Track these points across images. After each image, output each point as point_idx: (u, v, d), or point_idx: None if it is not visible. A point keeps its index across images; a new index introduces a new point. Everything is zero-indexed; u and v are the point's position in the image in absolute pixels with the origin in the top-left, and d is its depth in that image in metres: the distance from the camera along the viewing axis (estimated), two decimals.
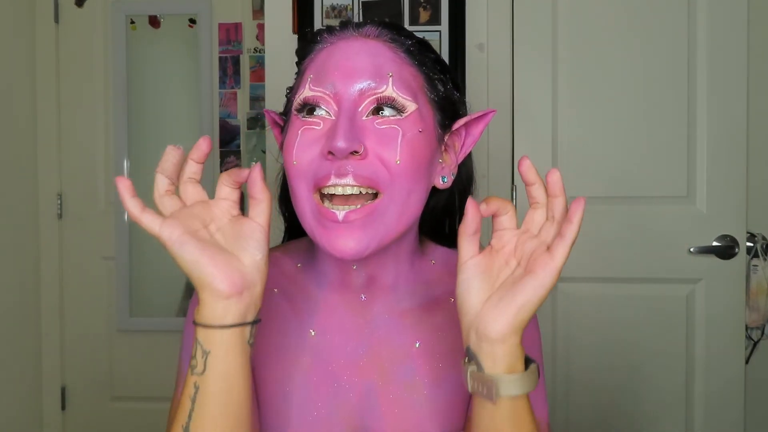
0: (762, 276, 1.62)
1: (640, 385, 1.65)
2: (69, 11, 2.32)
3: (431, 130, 0.64)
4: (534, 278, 0.53)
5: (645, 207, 1.64)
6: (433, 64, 0.66)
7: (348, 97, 0.60)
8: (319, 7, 1.71)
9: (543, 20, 1.66)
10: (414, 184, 0.61)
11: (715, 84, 1.60)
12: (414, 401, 0.66)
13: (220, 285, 0.53)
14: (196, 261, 0.53)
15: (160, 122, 2.34)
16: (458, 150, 0.69)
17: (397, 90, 0.61)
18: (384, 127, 0.60)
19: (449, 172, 0.68)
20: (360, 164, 0.59)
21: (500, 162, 1.69)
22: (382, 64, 0.62)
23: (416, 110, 0.62)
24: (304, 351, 0.67)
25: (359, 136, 0.59)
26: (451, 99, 0.68)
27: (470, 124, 0.69)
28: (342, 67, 0.61)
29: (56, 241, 2.33)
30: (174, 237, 0.53)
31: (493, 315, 0.53)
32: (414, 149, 0.61)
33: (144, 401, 2.30)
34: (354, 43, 0.63)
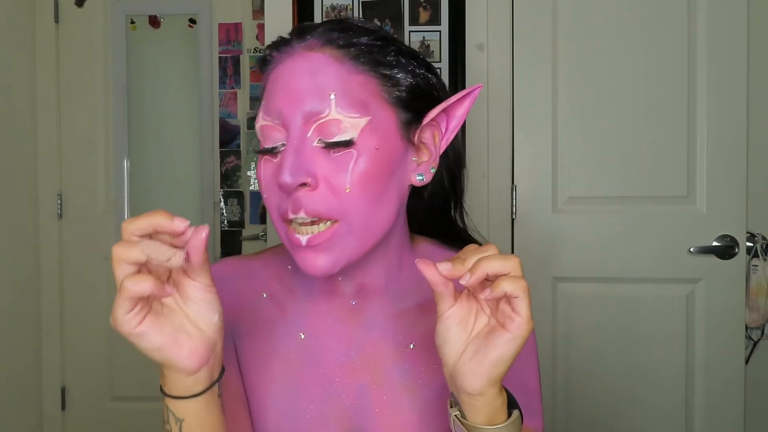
0: (762, 276, 1.62)
1: (640, 385, 1.65)
2: (69, 11, 2.32)
3: (393, 136, 0.61)
4: (505, 333, 0.51)
5: (645, 207, 1.64)
6: (393, 57, 0.62)
7: (294, 126, 0.58)
8: (319, 7, 1.71)
9: (543, 20, 1.66)
10: (370, 206, 0.59)
11: (715, 84, 1.60)
12: (408, 402, 0.66)
13: (188, 364, 0.52)
14: (159, 348, 0.50)
15: (160, 122, 2.34)
16: (440, 139, 0.66)
17: (341, 111, 0.58)
18: (338, 153, 0.58)
19: (427, 168, 0.65)
20: (310, 196, 0.58)
21: (500, 162, 1.69)
22: (323, 84, 0.58)
23: (369, 124, 0.59)
24: (294, 353, 0.67)
25: (306, 166, 0.58)
26: (421, 89, 0.64)
27: (452, 106, 0.65)
28: (285, 91, 0.59)
29: (56, 241, 2.33)
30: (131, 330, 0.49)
31: (469, 369, 0.52)
32: (367, 172, 0.58)
33: (144, 401, 2.29)
34: (297, 61, 0.60)
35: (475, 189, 1.69)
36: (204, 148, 2.29)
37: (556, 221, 1.66)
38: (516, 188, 1.68)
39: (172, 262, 0.48)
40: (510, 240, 1.68)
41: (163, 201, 2.34)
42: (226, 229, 2.30)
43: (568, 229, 1.66)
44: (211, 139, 2.29)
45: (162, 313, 0.51)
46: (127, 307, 0.48)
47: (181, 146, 2.34)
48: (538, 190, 1.67)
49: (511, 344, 0.51)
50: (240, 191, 2.30)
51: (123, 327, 0.48)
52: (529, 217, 1.67)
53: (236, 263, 0.73)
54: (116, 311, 0.48)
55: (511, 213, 1.69)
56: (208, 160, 2.29)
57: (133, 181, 2.33)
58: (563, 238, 1.66)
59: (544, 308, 1.67)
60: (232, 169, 2.30)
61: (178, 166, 2.35)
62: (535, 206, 1.67)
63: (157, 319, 0.50)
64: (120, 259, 0.47)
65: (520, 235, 1.68)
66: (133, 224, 0.48)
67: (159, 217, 0.48)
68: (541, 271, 1.65)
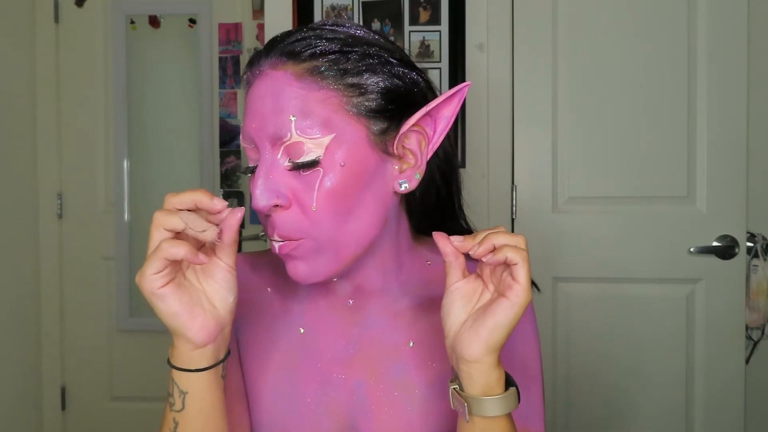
0: (762, 276, 1.62)
1: (640, 385, 1.65)
2: (69, 11, 2.32)
3: (362, 149, 0.59)
4: (504, 300, 0.54)
5: (645, 207, 1.64)
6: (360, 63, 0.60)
7: (264, 149, 0.59)
8: (319, 7, 1.71)
9: (543, 20, 1.66)
10: (339, 222, 0.59)
11: (715, 84, 1.60)
12: (405, 400, 0.66)
13: (197, 336, 0.55)
14: (175, 314, 0.54)
15: (160, 122, 2.35)
16: (427, 143, 0.63)
17: (302, 134, 0.57)
18: (307, 173, 0.58)
19: (412, 175, 0.63)
20: (282, 218, 0.59)
21: (500, 162, 1.69)
22: (283, 106, 0.58)
23: (333, 141, 0.58)
24: (293, 348, 0.68)
25: (278, 188, 0.58)
26: (395, 92, 0.61)
27: (438, 108, 0.63)
28: (253, 115, 0.60)
29: (56, 241, 2.33)
30: (154, 290, 0.52)
31: (468, 336, 0.55)
32: (334, 189, 0.58)
33: (144, 401, 2.30)
34: (261, 82, 0.60)
35: (475, 189, 1.69)
36: (204, 148, 2.29)
37: (556, 221, 1.66)
38: (516, 188, 1.68)
39: (206, 235, 0.52)
40: None
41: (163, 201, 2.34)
42: None
43: (568, 229, 1.66)
44: (211, 139, 2.29)
45: (183, 284, 0.55)
46: (158, 266, 0.51)
47: (181, 146, 2.34)
48: (538, 190, 1.67)
49: (509, 310, 0.53)
50: (240, 191, 2.30)
51: (147, 284, 0.52)
52: (529, 217, 1.67)
53: (244, 258, 0.74)
54: (147, 269, 0.52)
55: (511, 213, 1.69)
56: (208, 160, 2.29)
57: (133, 181, 2.33)
58: (563, 238, 1.66)
59: (544, 308, 1.67)
60: (232, 169, 2.30)
61: (178, 166, 2.35)
62: (535, 206, 1.67)
63: (179, 287, 0.54)
64: (160, 223, 0.52)
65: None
66: (176, 197, 0.53)
67: (200, 194, 0.53)
68: (541, 271, 1.65)
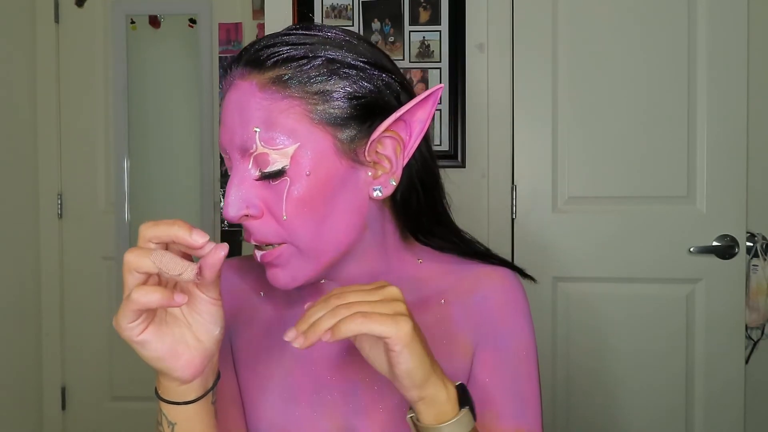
0: (762, 276, 1.62)
1: (640, 385, 1.65)
2: (69, 11, 2.32)
3: (327, 158, 0.58)
4: (390, 352, 0.53)
5: (645, 207, 1.64)
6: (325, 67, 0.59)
7: (235, 160, 0.60)
8: (319, 7, 1.71)
9: (543, 20, 1.66)
10: (313, 229, 0.60)
11: (715, 84, 1.60)
12: (398, 401, 0.66)
13: (183, 375, 0.53)
14: (158, 358, 0.51)
15: (160, 122, 2.34)
16: (402, 147, 0.62)
17: (266, 145, 0.57)
18: (275, 182, 0.58)
19: (386, 181, 0.62)
20: (256, 226, 0.60)
21: (500, 162, 1.69)
22: (248, 118, 0.58)
23: (298, 150, 0.57)
24: (288, 352, 0.68)
25: (248, 198, 0.59)
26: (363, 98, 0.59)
27: (411, 111, 0.61)
28: (224, 128, 0.61)
29: (56, 241, 2.33)
30: (133, 338, 0.50)
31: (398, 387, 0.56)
32: (302, 197, 0.58)
33: (144, 401, 2.29)
34: (231, 93, 0.60)
35: (475, 189, 1.69)
36: (204, 148, 2.29)
37: (556, 221, 1.66)
38: (516, 188, 1.68)
39: (182, 277, 0.47)
40: (510, 240, 1.68)
41: (163, 201, 2.34)
42: (226, 229, 2.30)
43: (568, 229, 1.66)
44: (211, 139, 2.29)
45: (165, 321, 0.52)
46: (132, 317, 0.48)
47: (181, 146, 2.34)
48: (538, 190, 1.67)
49: (403, 354, 0.52)
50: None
51: (125, 334, 0.49)
52: (529, 217, 1.67)
53: (236, 263, 0.74)
54: (120, 319, 0.48)
55: (511, 213, 1.69)
56: (208, 160, 2.29)
57: (133, 180, 2.33)
58: (563, 238, 1.66)
59: (544, 308, 1.67)
60: None
61: (178, 166, 2.35)
62: (535, 206, 1.67)
63: (160, 327, 0.51)
64: (131, 267, 0.47)
65: (520, 235, 1.68)
66: (150, 230, 0.48)
67: (178, 228, 0.47)
68: (541, 271, 1.65)
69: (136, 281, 0.48)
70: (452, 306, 0.69)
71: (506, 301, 0.69)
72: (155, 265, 0.46)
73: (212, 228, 2.29)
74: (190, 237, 0.47)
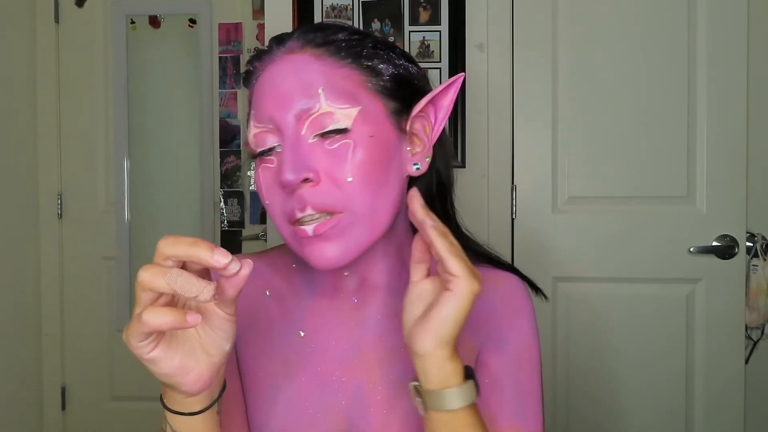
0: (762, 276, 1.62)
1: (640, 385, 1.65)
2: (69, 11, 2.32)
3: (384, 124, 0.62)
4: (447, 293, 0.53)
5: (645, 207, 1.64)
6: (372, 50, 0.63)
7: (287, 126, 0.59)
8: (319, 7, 1.71)
9: (543, 20, 1.66)
10: (373, 194, 0.60)
11: (715, 84, 1.60)
12: (404, 403, 0.66)
13: (191, 389, 0.51)
14: (168, 375, 0.49)
15: (160, 122, 2.34)
16: (430, 129, 0.66)
17: (331, 103, 0.59)
18: (335, 146, 0.59)
19: (422, 157, 0.65)
20: (314, 192, 0.59)
21: (500, 162, 1.69)
22: (310, 81, 0.59)
23: (360, 113, 0.60)
24: (293, 351, 0.68)
25: (307, 162, 0.58)
26: (404, 78, 0.65)
27: (438, 97, 0.66)
28: (272, 95, 0.60)
29: (56, 241, 2.33)
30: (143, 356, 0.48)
31: (418, 331, 0.55)
32: (366, 160, 0.59)
33: (144, 401, 2.30)
34: (280, 64, 0.61)
35: (475, 189, 1.69)
36: (204, 148, 2.29)
37: (556, 221, 1.66)
38: (516, 188, 1.68)
39: (199, 299, 0.44)
40: (510, 240, 1.68)
41: (163, 201, 2.34)
42: (226, 229, 2.30)
43: (568, 229, 1.66)
44: (211, 139, 2.29)
45: (176, 336, 0.50)
46: (142, 337, 0.46)
47: (181, 146, 2.34)
48: (538, 190, 1.67)
49: (453, 301, 0.53)
50: (240, 191, 2.30)
51: (135, 351, 0.47)
52: (529, 217, 1.67)
53: None
54: (130, 337, 0.46)
55: (511, 213, 1.69)
56: (208, 160, 2.29)
57: (133, 181, 2.33)
58: (563, 238, 1.66)
59: (544, 308, 1.67)
60: (232, 169, 2.30)
61: (178, 166, 2.35)
62: (535, 206, 1.67)
63: (170, 344, 0.49)
64: (145, 286, 0.45)
65: (520, 235, 1.68)
66: (168, 248, 0.45)
67: (199, 249, 0.44)
68: (541, 271, 1.65)
69: (148, 299, 0.46)
70: None
71: (513, 306, 0.70)
72: (170, 286, 0.44)
73: (212, 228, 2.29)
74: (212, 258, 0.44)
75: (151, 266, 0.45)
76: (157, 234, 2.41)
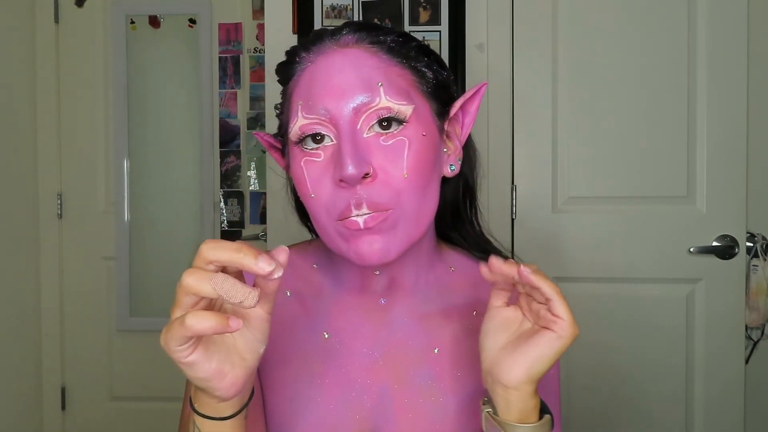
0: (762, 276, 1.62)
1: (640, 385, 1.65)
2: (69, 11, 2.32)
3: (431, 124, 0.63)
4: (550, 333, 0.54)
5: (645, 207, 1.64)
6: (417, 53, 0.64)
7: (344, 118, 0.58)
8: (319, 7, 1.71)
9: (543, 20, 1.66)
10: (422, 193, 0.60)
11: (715, 84, 1.60)
12: (429, 407, 0.65)
13: (225, 394, 0.50)
14: (204, 379, 0.48)
15: (160, 122, 2.34)
16: (459, 132, 0.68)
17: (390, 98, 0.59)
18: (390, 142, 0.59)
19: (456, 159, 0.67)
20: (371, 189, 0.58)
21: (500, 162, 1.69)
22: (368, 75, 0.59)
23: (414, 111, 0.60)
24: (317, 353, 0.67)
25: (365, 156, 0.58)
26: (442, 83, 0.66)
27: (466, 102, 0.68)
28: (329, 87, 0.59)
29: (56, 241, 2.33)
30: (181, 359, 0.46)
31: (509, 363, 0.55)
32: (420, 156, 0.60)
33: (144, 401, 2.30)
34: (334, 57, 0.61)
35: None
36: (204, 148, 2.29)
37: (556, 221, 1.66)
38: (516, 188, 1.68)
39: (244, 304, 0.43)
40: (510, 240, 1.68)
41: (163, 201, 2.34)
42: (226, 229, 2.30)
43: (568, 229, 1.66)
44: (211, 139, 2.29)
45: (213, 340, 0.49)
46: (183, 340, 0.45)
47: (181, 146, 2.34)
48: (538, 190, 1.67)
49: (554, 343, 0.54)
50: (240, 191, 2.30)
51: (174, 355, 0.46)
52: (529, 217, 1.67)
53: None
54: (170, 341, 0.45)
55: (511, 213, 1.69)
56: (208, 160, 2.29)
57: (133, 181, 2.33)
58: (563, 238, 1.66)
59: None
60: (232, 169, 2.30)
61: (178, 166, 2.35)
62: (535, 206, 1.67)
63: (208, 347, 0.48)
64: (189, 290, 0.44)
65: (520, 235, 1.68)
66: (212, 253, 0.44)
67: (244, 255, 0.43)
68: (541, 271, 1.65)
69: (190, 303, 0.45)
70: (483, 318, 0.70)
71: None
72: (215, 291, 0.43)
73: (212, 228, 2.29)
74: (257, 265, 0.43)
75: (194, 270, 0.44)
76: (157, 234, 2.42)
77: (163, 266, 2.33)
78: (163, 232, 2.34)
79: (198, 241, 2.28)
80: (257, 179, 2.29)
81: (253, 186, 2.29)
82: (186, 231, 2.32)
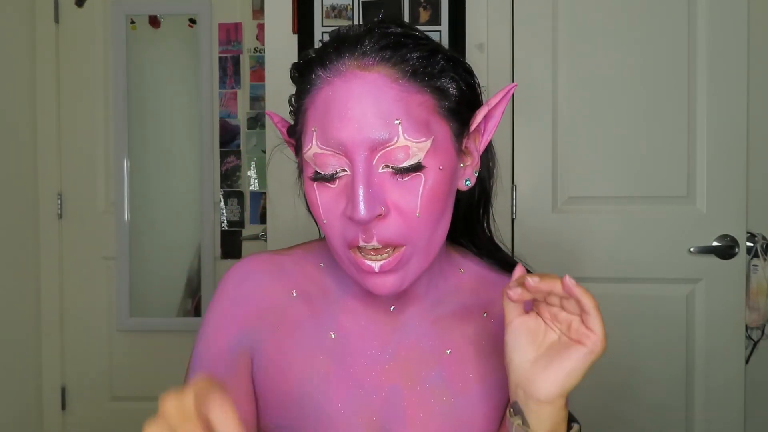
0: (762, 276, 1.62)
1: (640, 385, 1.65)
2: (69, 11, 2.32)
3: (449, 151, 0.60)
4: (582, 348, 0.54)
5: (645, 207, 1.64)
6: (442, 69, 0.60)
7: (359, 155, 0.56)
8: (319, 7, 1.71)
9: (543, 20, 1.66)
10: (434, 226, 0.60)
11: (715, 84, 1.60)
12: (439, 408, 0.65)
13: None
14: None
15: (160, 122, 2.34)
16: (479, 141, 0.66)
17: (409, 137, 0.56)
18: (405, 179, 0.57)
19: (472, 172, 0.65)
20: (382, 226, 0.57)
21: (500, 162, 1.68)
22: (388, 110, 0.56)
23: (432, 145, 0.58)
24: (323, 353, 0.66)
25: (379, 196, 0.57)
26: (466, 95, 0.63)
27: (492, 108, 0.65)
28: (345, 119, 0.56)
29: (56, 241, 2.33)
30: None
31: (542, 378, 0.55)
32: (435, 192, 0.58)
33: (144, 401, 2.29)
34: (353, 83, 0.57)
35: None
36: (204, 148, 2.29)
37: (556, 221, 1.66)
38: (516, 188, 1.68)
39: None
40: (510, 240, 1.68)
41: (163, 201, 2.34)
42: (226, 229, 2.30)
43: (568, 229, 1.66)
44: (211, 139, 2.29)
45: None
46: None
47: (181, 146, 2.34)
48: (538, 190, 1.67)
49: (587, 358, 0.54)
50: (240, 191, 2.30)
51: None
52: (529, 217, 1.67)
53: (267, 259, 0.71)
54: None
55: (511, 213, 1.69)
56: (208, 160, 2.29)
57: (133, 181, 2.33)
58: (563, 238, 1.66)
59: None
60: (232, 169, 2.30)
61: (178, 166, 2.35)
62: (535, 206, 1.67)
63: None
64: None
65: (520, 235, 1.68)
66: None
67: None
68: (541, 271, 1.64)
69: None
70: (494, 320, 0.69)
71: None
72: None
73: (212, 228, 2.29)
74: None
75: None
76: (157, 234, 2.42)
77: (163, 266, 2.33)
78: (163, 232, 2.34)
79: (198, 241, 2.28)
80: (257, 179, 2.29)
81: (253, 186, 2.29)
82: (186, 231, 2.32)
